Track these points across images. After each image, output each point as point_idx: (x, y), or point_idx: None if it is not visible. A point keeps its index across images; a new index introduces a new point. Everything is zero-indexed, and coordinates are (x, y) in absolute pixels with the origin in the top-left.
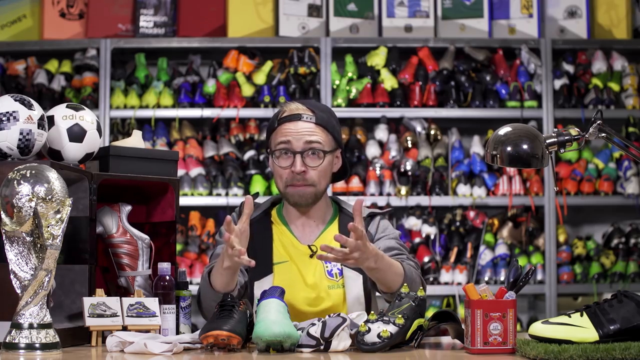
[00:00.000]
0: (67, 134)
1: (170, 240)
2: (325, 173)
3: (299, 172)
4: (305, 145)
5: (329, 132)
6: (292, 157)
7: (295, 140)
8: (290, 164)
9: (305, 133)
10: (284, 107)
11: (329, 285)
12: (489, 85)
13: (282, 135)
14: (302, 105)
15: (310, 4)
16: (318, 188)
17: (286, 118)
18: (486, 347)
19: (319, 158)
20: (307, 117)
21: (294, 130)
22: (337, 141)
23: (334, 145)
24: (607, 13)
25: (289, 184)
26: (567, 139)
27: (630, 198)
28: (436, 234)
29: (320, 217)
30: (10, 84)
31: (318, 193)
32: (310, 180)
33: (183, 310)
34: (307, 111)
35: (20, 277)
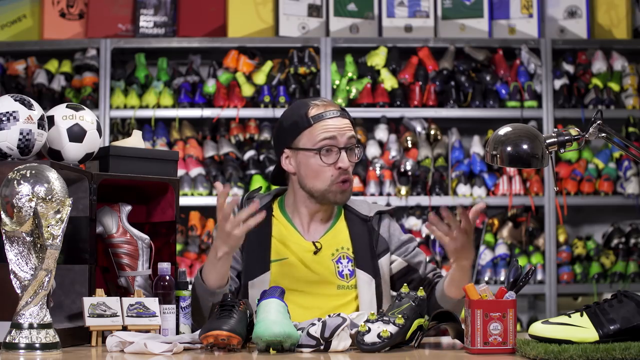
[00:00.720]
0: (67, 134)
1: (170, 240)
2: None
3: (346, 168)
4: (349, 141)
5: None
6: (336, 153)
7: (340, 136)
8: (335, 161)
9: (347, 129)
10: (309, 103)
11: (339, 285)
12: (489, 85)
13: (326, 131)
14: (327, 102)
15: (310, 4)
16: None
17: (323, 115)
18: (486, 347)
19: (358, 153)
20: (340, 112)
21: (337, 126)
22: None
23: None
24: (607, 13)
25: (336, 182)
26: (567, 139)
27: (630, 198)
28: None
29: (329, 214)
30: (10, 84)
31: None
32: (350, 175)
33: (183, 310)
34: (337, 107)
35: (20, 277)
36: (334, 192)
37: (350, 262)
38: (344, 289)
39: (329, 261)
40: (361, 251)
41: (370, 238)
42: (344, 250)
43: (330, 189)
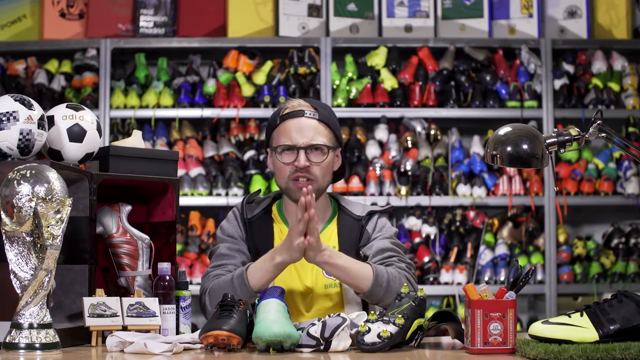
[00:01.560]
0: (67, 134)
1: (170, 240)
2: (327, 170)
3: (302, 167)
4: (309, 141)
5: (331, 130)
6: (295, 153)
7: (299, 136)
8: (294, 160)
9: (309, 129)
10: (285, 104)
11: (326, 284)
12: (489, 85)
13: (286, 131)
14: (305, 102)
15: (310, 4)
16: (320, 184)
17: (289, 114)
18: (486, 347)
19: (323, 154)
20: (310, 113)
21: (297, 127)
22: (338, 139)
23: (335, 143)
24: (607, 13)
25: (291, 178)
26: (567, 139)
27: (630, 198)
28: (436, 234)
29: (319, 215)
30: (10, 84)
31: (320, 189)
32: (314, 175)
33: (183, 310)
34: (310, 108)
35: (20, 277)
36: (292, 190)
37: None
38: (331, 287)
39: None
40: (346, 249)
41: (358, 236)
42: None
43: (288, 186)
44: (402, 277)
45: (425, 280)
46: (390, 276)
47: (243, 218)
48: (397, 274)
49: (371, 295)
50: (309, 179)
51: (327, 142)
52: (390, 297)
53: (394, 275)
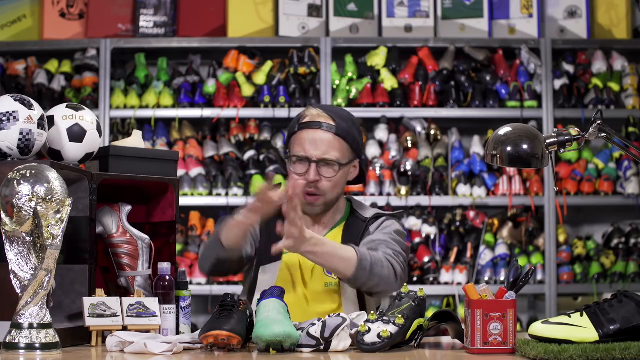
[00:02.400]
0: (67, 134)
1: (170, 240)
2: (338, 184)
3: (312, 181)
4: (322, 156)
5: (348, 144)
6: (307, 165)
7: (312, 149)
8: (305, 172)
9: (323, 144)
10: (305, 112)
11: (327, 282)
12: (489, 85)
13: (301, 142)
14: (324, 113)
15: (310, 4)
16: (327, 198)
17: (306, 124)
18: (486, 347)
19: (334, 171)
20: (327, 126)
21: (312, 139)
22: (355, 151)
23: (351, 157)
24: (607, 13)
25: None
26: (567, 139)
27: (630, 198)
28: (436, 234)
29: (329, 219)
30: (10, 84)
31: (328, 202)
32: (322, 190)
33: (183, 310)
34: (328, 120)
35: (20, 277)
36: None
37: None
38: (331, 285)
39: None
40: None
41: (361, 236)
42: None
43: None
44: (386, 261)
45: (425, 280)
46: (374, 259)
47: None
48: (382, 257)
49: (355, 280)
50: (315, 195)
51: (340, 157)
52: (373, 281)
53: (377, 259)
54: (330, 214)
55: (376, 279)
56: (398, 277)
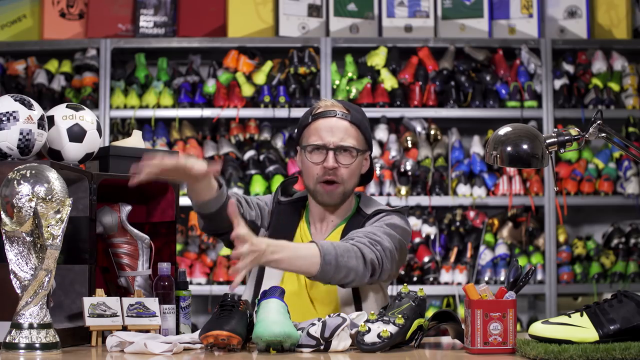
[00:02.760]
0: (67, 134)
1: (170, 240)
2: (354, 173)
3: (331, 168)
4: (339, 143)
5: (362, 133)
6: (324, 153)
7: (329, 136)
8: (323, 160)
9: (340, 130)
10: (318, 103)
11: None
12: (489, 85)
13: (317, 130)
14: (338, 103)
15: (310, 4)
16: (346, 187)
17: (321, 114)
18: (486, 347)
19: (352, 157)
20: (342, 114)
21: (328, 127)
22: (368, 143)
23: (365, 146)
24: (607, 13)
25: (320, 181)
26: (567, 139)
27: (630, 198)
28: (436, 234)
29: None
30: (10, 84)
31: (346, 192)
32: (340, 177)
33: (183, 310)
34: (342, 109)
35: (20, 277)
36: (319, 192)
37: None
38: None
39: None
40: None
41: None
42: None
43: (316, 188)
44: (354, 248)
45: (425, 280)
46: (339, 251)
47: (276, 198)
48: (348, 247)
49: (322, 276)
50: (335, 182)
51: (356, 144)
52: (340, 273)
53: (343, 249)
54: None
55: (344, 270)
56: (368, 264)
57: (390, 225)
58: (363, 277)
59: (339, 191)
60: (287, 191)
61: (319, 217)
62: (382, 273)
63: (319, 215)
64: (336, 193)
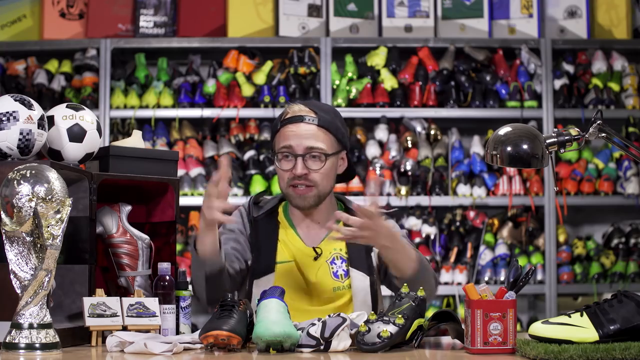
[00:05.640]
0: (67, 134)
1: (170, 240)
2: (328, 175)
3: (299, 175)
4: (307, 149)
5: (332, 134)
6: (293, 160)
7: (296, 143)
8: (292, 167)
9: (307, 136)
10: (287, 109)
11: (335, 287)
12: (489, 85)
13: (284, 138)
14: (305, 107)
15: (310, 4)
16: (320, 190)
17: (288, 120)
18: (486, 347)
19: (321, 161)
20: (309, 119)
21: (295, 133)
22: (341, 143)
23: (337, 147)
24: (607, 13)
25: (290, 184)
26: (567, 139)
27: (630, 198)
28: (436, 234)
29: (324, 218)
30: (10, 84)
31: (321, 195)
32: (313, 181)
33: (183, 310)
34: (310, 113)
35: (20, 277)
36: (292, 196)
37: (345, 262)
38: (339, 290)
39: (325, 264)
40: (355, 250)
41: None
42: (337, 251)
43: (288, 192)
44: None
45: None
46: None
47: (249, 216)
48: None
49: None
50: (308, 185)
51: (326, 148)
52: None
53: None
54: (325, 212)
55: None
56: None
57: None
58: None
59: (312, 194)
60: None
61: (302, 220)
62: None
63: (302, 219)
64: (309, 196)
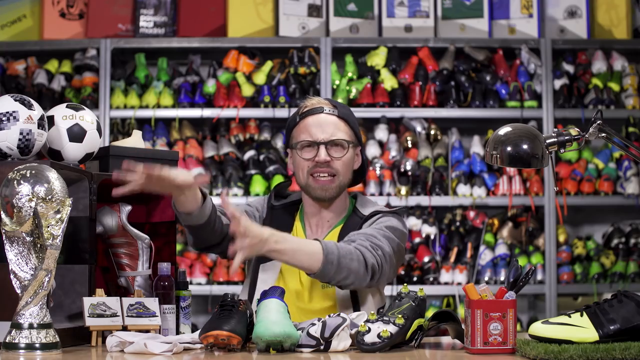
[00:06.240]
0: (67, 134)
1: (170, 240)
2: (348, 165)
3: (323, 162)
4: (330, 137)
5: (351, 127)
6: (315, 148)
7: (319, 132)
8: (314, 156)
9: (329, 124)
10: (304, 103)
11: (323, 284)
12: (489, 85)
13: (305, 128)
14: (324, 100)
15: (310, 4)
16: (342, 180)
17: (309, 112)
18: (486, 347)
19: (343, 149)
20: (329, 110)
21: (317, 122)
22: (357, 138)
23: (355, 140)
24: (607, 13)
25: (311, 173)
26: (567, 139)
27: (630, 198)
28: (436, 234)
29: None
30: (10, 84)
31: (341, 185)
32: (335, 169)
33: (183, 310)
34: (329, 105)
35: (20, 277)
36: (312, 187)
37: None
38: (328, 287)
39: None
40: None
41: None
42: None
43: (308, 182)
44: (356, 251)
45: (425, 280)
46: (342, 252)
47: (269, 203)
48: (351, 249)
49: (322, 274)
50: (331, 174)
51: (347, 137)
52: (341, 274)
53: (346, 251)
54: (335, 210)
55: (344, 272)
56: (369, 268)
57: (390, 228)
58: (363, 281)
59: (334, 185)
60: (281, 194)
61: (313, 216)
62: (381, 277)
63: (314, 214)
64: (331, 187)
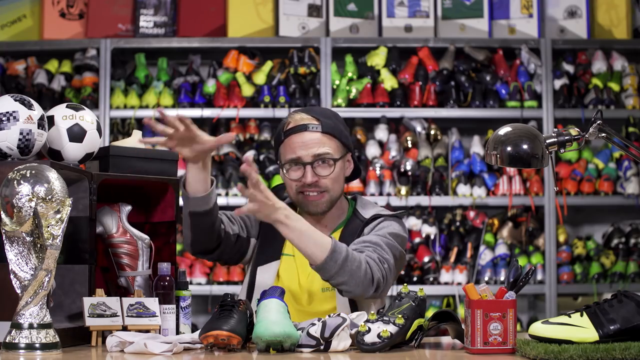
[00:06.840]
0: (67, 134)
1: (170, 240)
2: (337, 179)
3: (309, 184)
4: (314, 157)
5: (337, 139)
6: (302, 168)
7: (303, 152)
8: (301, 176)
9: (313, 144)
10: (288, 119)
11: (323, 287)
12: (489, 85)
13: (290, 148)
14: (307, 115)
15: (310, 4)
16: (332, 194)
17: (292, 130)
18: (486, 347)
19: (330, 166)
20: (312, 126)
21: (301, 143)
22: (346, 146)
23: (343, 151)
24: (607, 13)
25: (299, 191)
26: (567, 139)
27: (630, 198)
28: (436, 234)
29: (332, 222)
30: (10, 84)
31: (333, 199)
32: (324, 187)
33: (183, 310)
34: (313, 120)
35: (20, 277)
36: (302, 203)
37: None
38: (328, 290)
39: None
40: None
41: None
42: None
43: (298, 199)
44: (365, 263)
45: (425, 280)
46: (350, 256)
47: None
48: (361, 259)
49: (323, 269)
50: (320, 192)
51: (333, 153)
52: (342, 277)
53: (354, 258)
54: (332, 216)
55: (346, 275)
56: (374, 282)
57: (392, 234)
58: (365, 292)
59: (324, 200)
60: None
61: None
62: (385, 289)
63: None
64: (322, 202)
